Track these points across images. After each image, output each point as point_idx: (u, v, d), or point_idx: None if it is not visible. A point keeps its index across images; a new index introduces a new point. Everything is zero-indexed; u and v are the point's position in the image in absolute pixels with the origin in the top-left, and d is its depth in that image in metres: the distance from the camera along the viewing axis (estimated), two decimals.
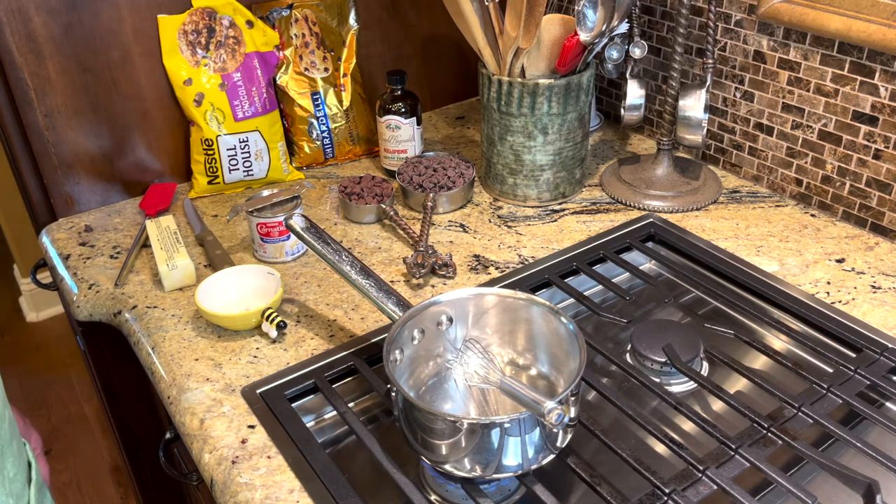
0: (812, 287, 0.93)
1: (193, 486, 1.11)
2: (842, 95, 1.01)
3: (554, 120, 1.06)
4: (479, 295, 0.77)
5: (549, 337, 0.76)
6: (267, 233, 0.99)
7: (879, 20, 0.92)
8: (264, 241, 1.00)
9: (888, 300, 0.91)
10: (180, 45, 1.13)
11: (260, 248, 1.01)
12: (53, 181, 1.13)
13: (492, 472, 0.66)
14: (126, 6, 1.08)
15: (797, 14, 0.99)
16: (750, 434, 0.72)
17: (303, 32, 1.21)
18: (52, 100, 1.07)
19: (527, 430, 0.64)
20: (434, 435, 0.65)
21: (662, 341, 0.84)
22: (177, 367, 0.85)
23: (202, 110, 1.13)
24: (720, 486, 0.67)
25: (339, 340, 0.88)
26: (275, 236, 0.99)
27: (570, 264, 0.99)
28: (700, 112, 1.06)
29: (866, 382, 0.79)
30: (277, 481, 0.71)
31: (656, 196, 1.11)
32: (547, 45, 1.04)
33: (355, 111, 1.26)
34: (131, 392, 1.30)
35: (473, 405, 0.77)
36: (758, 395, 0.82)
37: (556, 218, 1.10)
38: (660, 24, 1.22)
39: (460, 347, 0.75)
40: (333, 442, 0.82)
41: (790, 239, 1.03)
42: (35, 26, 1.03)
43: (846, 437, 0.72)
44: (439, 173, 1.14)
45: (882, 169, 0.99)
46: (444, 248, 1.04)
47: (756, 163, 1.15)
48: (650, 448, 0.77)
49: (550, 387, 0.77)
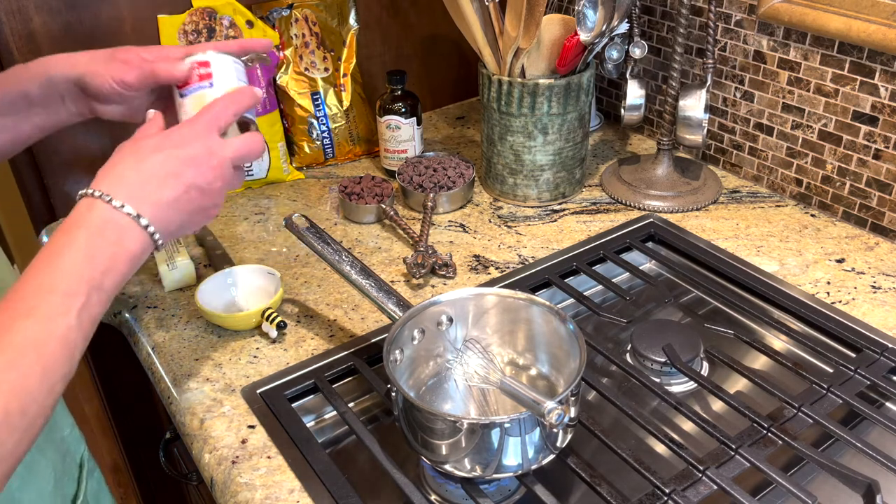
0: (812, 287, 0.93)
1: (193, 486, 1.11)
2: (842, 95, 1.01)
3: (554, 120, 1.06)
4: (479, 295, 0.77)
5: (549, 337, 0.76)
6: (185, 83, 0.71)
7: (879, 20, 0.92)
8: (184, 94, 0.71)
9: (888, 300, 0.90)
10: (180, 45, 1.12)
11: (181, 111, 0.71)
12: (53, 181, 1.13)
13: (492, 472, 0.66)
14: (126, 6, 1.08)
15: (797, 14, 0.99)
16: (750, 434, 0.72)
17: (303, 32, 1.21)
18: None
19: (527, 430, 0.64)
20: (434, 435, 0.65)
21: (662, 341, 0.84)
22: (177, 367, 0.85)
23: None
24: (720, 487, 0.67)
25: (339, 340, 0.88)
26: (192, 82, 0.71)
27: (570, 264, 0.99)
28: (700, 112, 1.06)
29: (866, 382, 0.79)
30: (277, 481, 0.71)
31: (656, 196, 1.11)
32: (547, 45, 1.04)
33: (355, 111, 1.26)
34: (131, 392, 1.30)
35: (473, 405, 0.77)
36: (758, 395, 0.82)
37: (556, 218, 1.10)
38: (660, 24, 1.22)
39: (460, 347, 0.75)
40: (333, 442, 0.82)
41: (790, 239, 1.03)
42: (35, 26, 1.02)
43: (846, 438, 0.71)
44: (439, 173, 1.14)
45: (882, 169, 0.99)
46: (444, 248, 1.04)
47: (756, 163, 1.15)
48: (650, 448, 0.77)
49: (550, 387, 0.77)
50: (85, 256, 0.55)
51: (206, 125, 0.65)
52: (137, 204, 0.59)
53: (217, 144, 0.65)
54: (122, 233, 0.58)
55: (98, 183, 0.60)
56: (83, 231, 0.57)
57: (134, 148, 0.63)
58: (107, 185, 0.59)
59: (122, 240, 0.58)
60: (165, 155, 0.62)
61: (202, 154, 0.63)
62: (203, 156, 0.63)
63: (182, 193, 0.62)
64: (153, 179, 0.61)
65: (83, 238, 0.56)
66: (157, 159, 0.62)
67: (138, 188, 0.60)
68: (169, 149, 0.62)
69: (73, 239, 0.56)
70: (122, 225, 0.58)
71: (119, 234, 0.58)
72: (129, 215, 0.58)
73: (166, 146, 0.63)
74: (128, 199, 0.59)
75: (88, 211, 0.58)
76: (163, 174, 0.61)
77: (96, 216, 0.58)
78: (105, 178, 0.60)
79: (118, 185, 0.59)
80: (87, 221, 0.57)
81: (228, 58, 0.72)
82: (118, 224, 0.58)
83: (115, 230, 0.58)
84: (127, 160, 0.62)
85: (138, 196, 0.59)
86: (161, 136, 0.64)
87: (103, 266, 0.56)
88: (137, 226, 0.59)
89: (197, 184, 0.63)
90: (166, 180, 0.61)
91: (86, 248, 0.56)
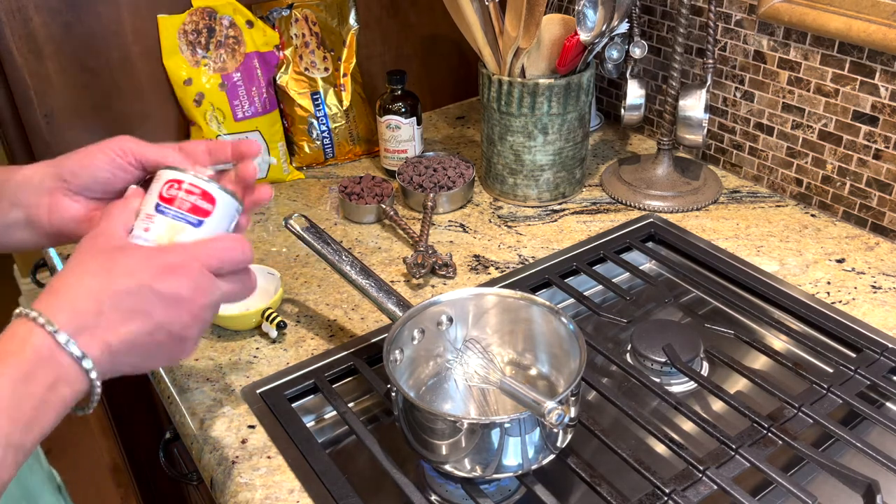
0: (812, 287, 0.93)
1: (193, 486, 1.11)
2: (842, 95, 1.01)
3: (554, 120, 1.06)
4: (479, 295, 0.77)
5: (549, 337, 0.76)
6: (171, 198, 0.55)
7: (880, 20, 0.92)
8: (162, 211, 0.55)
9: (888, 300, 0.90)
10: (180, 44, 1.12)
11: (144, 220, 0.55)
12: None
13: (492, 473, 0.66)
14: (126, 6, 1.08)
15: (797, 14, 0.99)
16: (750, 434, 0.72)
17: (303, 32, 1.21)
18: (52, 100, 1.07)
19: (527, 431, 0.64)
20: (434, 435, 0.65)
21: (662, 341, 0.84)
22: (176, 367, 0.85)
23: (202, 110, 1.13)
24: (720, 487, 0.67)
25: (339, 340, 0.88)
26: (181, 208, 0.55)
27: (571, 264, 0.99)
28: (700, 112, 1.06)
29: (866, 382, 0.78)
30: (277, 481, 0.71)
31: (656, 196, 1.11)
32: (547, 44, 1.04)
33: (355, 111, 1.26)
34: (131, 392, 1.30)
35: (473, 405, 0.77)
36: (758, 395, 0.82)
37: (557, 218, 1.10)
38: (660, 24, 1.22)
39: (460, 347, 0.75)
40: (333, 442, 0.82)
41: (790, 239, 1.02)
42: (35, 26, 1.02)
43: (846, 438, 0.71)
44: (439, 173, 1.14)
45: (882, 169, 0.99)
46: (444, 248, 1.04)
47: (756, 163, 1.15)
48: (650, 448, 0.77)
49: (550, 387, 0.77)
50: (6, 406, 0.44)
51: (201, 259, 0.52)
52: (86, 340, 0.47)
53: (208, 283, 0.52)
54: (58, 376, 0.46)
55: (45, 302, 0.47)
56: (9, 370, 0.44)
57: (104, 258, 0.50)
58: (55, 306, 0.47)
59: (56, 385, 0.46)
60: (139, 284, 0.49)
61: (187, 293, 0.51)
62: (187, 295, 0.51)
63: (146, 335, 0.50)
64: (115, 311, 0.48)
65: (7, 381, 0.44)
66: (127, 285, 0.49)
67: (92, 318, 0.47)
68: (147, 278, 0.49)
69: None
70: (60, 364, 0.46)
71: (54, 378, 0.46)
72: (70, 355, 0.46)
73: (144, 272, 0.49)
74: (75, 332, 0.46)
75: (23, 340, 0.45)
76: (129, 307, 0.49)
77: (30, 350, 0.45)
78: (55, 295, 0.48)
79: (68, 307, 0.47)
80: (18, 355, 0.45)
81: (233, 202, 0.57)
82: (55, 363, 0.46)
83: (50, 372, 0.46)
84: (89, 274, 0.49)
85: (89, 328, 0.47)
86: (142, 254, 0.51)
87: (26, 418, 0.44)
88: (79, 369, 0.47)
89: (168, 328, 0.50)
90: (131, 316, 0.49)
91: (10, 395, 0.44)
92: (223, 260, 0.53)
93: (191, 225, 0.54)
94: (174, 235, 0.54)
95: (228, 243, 0.54)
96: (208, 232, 0.55)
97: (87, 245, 0.51)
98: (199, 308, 0.52)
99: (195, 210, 0.55)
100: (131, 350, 0.49)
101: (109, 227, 0.53)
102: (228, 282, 0.54)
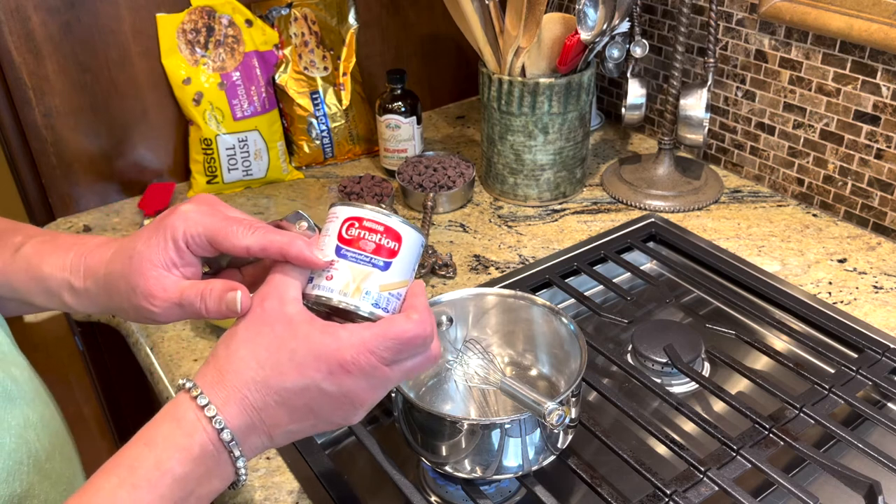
0: (814, 287, 0.93)
1: None
2: (843, 95, 1.00)
3: (554, 119, 1.05)
4: (479, 295, 0.77)
5: (549, 337, 0.75)
6: (352, 239, 0.50)
7: (881, 19, 0.91)
8: (344, 255, 0.50)
9: (890, 300, 0.90)
10: (179, 44, 1.12)
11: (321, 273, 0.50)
12: (52, 181, 1.12)
13: (492, 474, 0.66)
14: (125, 5, 1.08)
15: (799, 13, 0.99)
16: (751, 435, 0.72)
17: (302, 31, 1.20)
18: (51, 99, 1.07)
19: (527, 431, 0.64)
20: (434, 436, 0.65)
21: (663, 342, 0.84)
22: (175, 368, 0.85)
23: (201, 109, 1.13)
24: (721, 487, 0.67)
25: None
26: (365, 249, 0.50)
27: (571, 264, 0.98)
28: (701, 111, 1.05)
29: (868, 383, 0.78)
30: (277, 482, 0.71)
31: (657, 196, 1.11)
32: (547, 44, 1.03)
33: (355, 110, 1.26)
34: (130, 393, 1.30)
35: (474, 406, 0.77)
36: (759, 396, 0.81)
37: (557, 218, 1.10)
38: (661, 23, 1.21)
39: (460, 348, 0.75)
40: (333, 443, 0.81)
41: (792, 239, 1.02)
42: (33, 25, 1.02)
43: (848, 438, 0.71)
44: (439, 173, 1.13)
45: (884, 169, 0.99)
46: (444, 248, 1.04)
47: (757, 162, 1.15)
48: (651, 449, 0.77)
49: (551, 387, 0.76)
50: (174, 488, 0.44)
51: (377, 354, 0.47)
52: (251, 440, 0.46)
53: (381, 380, 0.48)
54: (214, 471, 0.46)
55: (212, 380, 0.46)
56: (175, 466, 0.44)
57: (273, 337, 0.47)
58: (222, 395, 0.45)
59: (210, 478, 0.46)
60: (308, 384, 0.46)
61: (357, 392, 0.47)
62: (357, 394, 0.48)
63: (309, 428, 0.49)
64: (281, 407, 0.46)
65: (169, 480, 0.44)
66: (296, 383, 0.46)
67: (257, 414, 0.46)
68: (319, 378, 0.46)
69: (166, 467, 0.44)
70: (218, 462, 0.46)
71: (208, 471, 0.45)
72: (231, 454, 0.46)
73: (315, 372, 0.46)
74: (241, 433, 0.46)
75: (190, 435, 0.45)
76: (296, 405, 0.47)
77: (198, 448, 0.45)
78: (222, 375, 0.46)
79: (237, 398, 0.46)
80: (186, 452, 0.44)
81: (419, 237, 0.52)
82: (215, 460, 0.45)
83: (210, 465, 0.45)
84: (258, 361, 0.46)
85: (255, 428, 0.46)
86: (314, 346, 0.46)
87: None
88: (232, 465, 0.46)
89: (332, 418, 0.48)
90: (298, 415, 0.47)
91: (169, 490, 0.44)
92: (401, 352, 0.48)
93: (377, 269, 0.50)
94: (361, 283, 0.49)
95: (409, 326, 0.48)
96: (396, 275, 0.50)
97: (258, 310, 0.48)
98: (369, 402, 0.49)
99: (380, 251, 0.50)
100: (289, 438, 0.49)
101: (281, 286, 0.48)
102: (408, 362, 0.50)
